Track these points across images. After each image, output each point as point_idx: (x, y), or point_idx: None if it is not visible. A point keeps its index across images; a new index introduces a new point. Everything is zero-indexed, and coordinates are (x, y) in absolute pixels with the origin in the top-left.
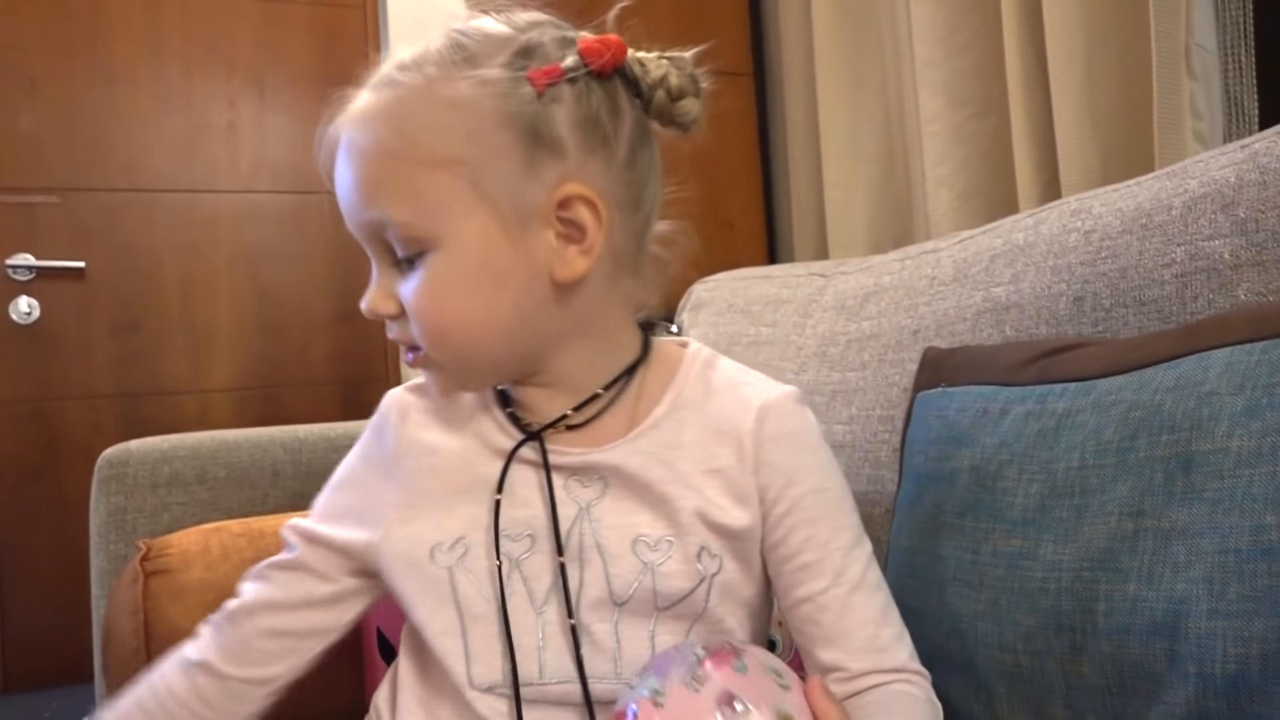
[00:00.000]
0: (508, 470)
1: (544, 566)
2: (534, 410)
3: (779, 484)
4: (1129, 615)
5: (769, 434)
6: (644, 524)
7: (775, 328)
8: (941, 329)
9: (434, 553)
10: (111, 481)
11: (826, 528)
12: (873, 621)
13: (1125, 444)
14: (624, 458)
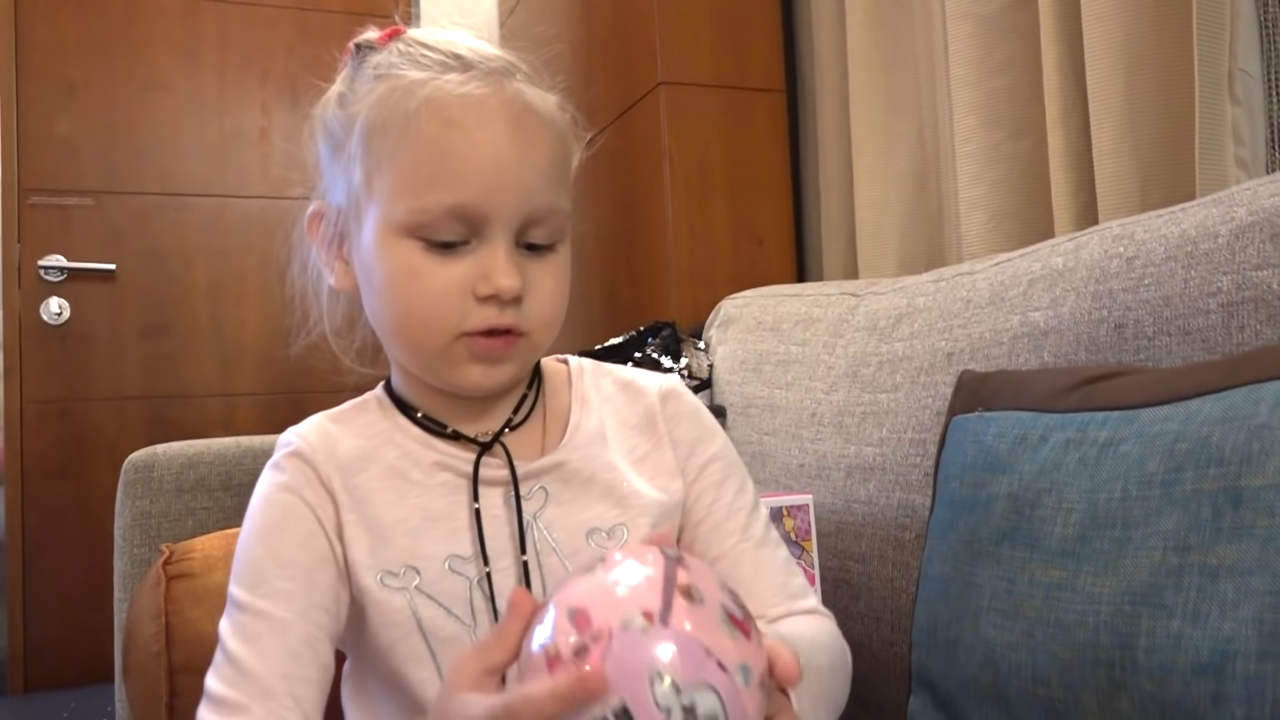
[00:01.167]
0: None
1: (505, 581)
2: (465, 426)
3: (686, 454)
4: (1172, 653)
5: (672, 413)
6: (594, 517)
7: (805, 346)
8: (977, 352)
9: (383, 580)
10: (137, 485)
11: (730, 490)
12: (781, 571)
13: (1170, 476)
14: (567, 456)
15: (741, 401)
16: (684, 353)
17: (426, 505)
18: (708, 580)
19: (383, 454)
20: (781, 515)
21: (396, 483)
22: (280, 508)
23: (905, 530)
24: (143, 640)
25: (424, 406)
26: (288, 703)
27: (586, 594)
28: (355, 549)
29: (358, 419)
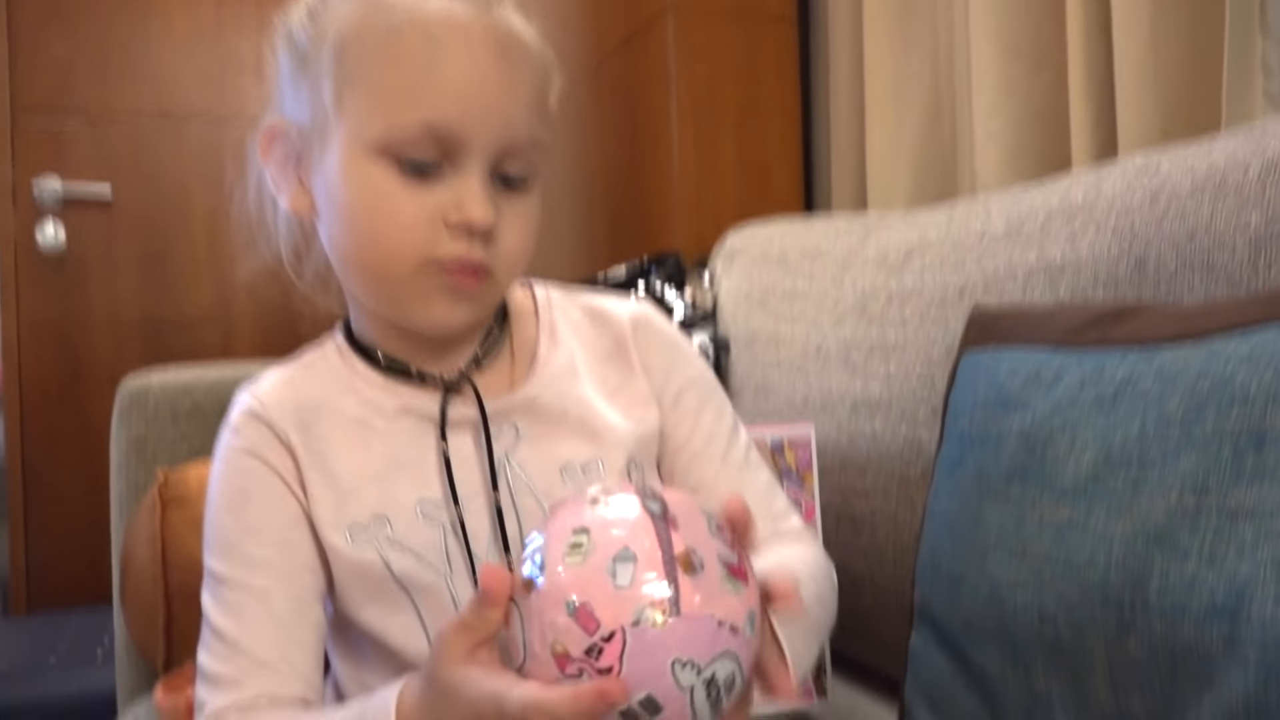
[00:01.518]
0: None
1: (479, 523)
2: (430, 366)
3: (660, 382)
4: (1185, 595)
5: (643, 341)
6: (568, 453)
7: (813, 280)
8: (990, 288)
9: (351, 534)
10: (132, 410)
11: (708, 416)
12: (764, 494)
13: (1191, 416)
14: (536, 391)
15: (746, 335)
16: (688, 285)
17: (393, 451)
18: (698, 532)
19: (343, 404)
20: (782, 447)
21: (360, 432)
22: (243, 473)
23: (910, 466)
24: (139, 565)
25: (385, 347)
26: (284, 670)
27: (582, 584)
28: (320, 507)
29: (315, 368)
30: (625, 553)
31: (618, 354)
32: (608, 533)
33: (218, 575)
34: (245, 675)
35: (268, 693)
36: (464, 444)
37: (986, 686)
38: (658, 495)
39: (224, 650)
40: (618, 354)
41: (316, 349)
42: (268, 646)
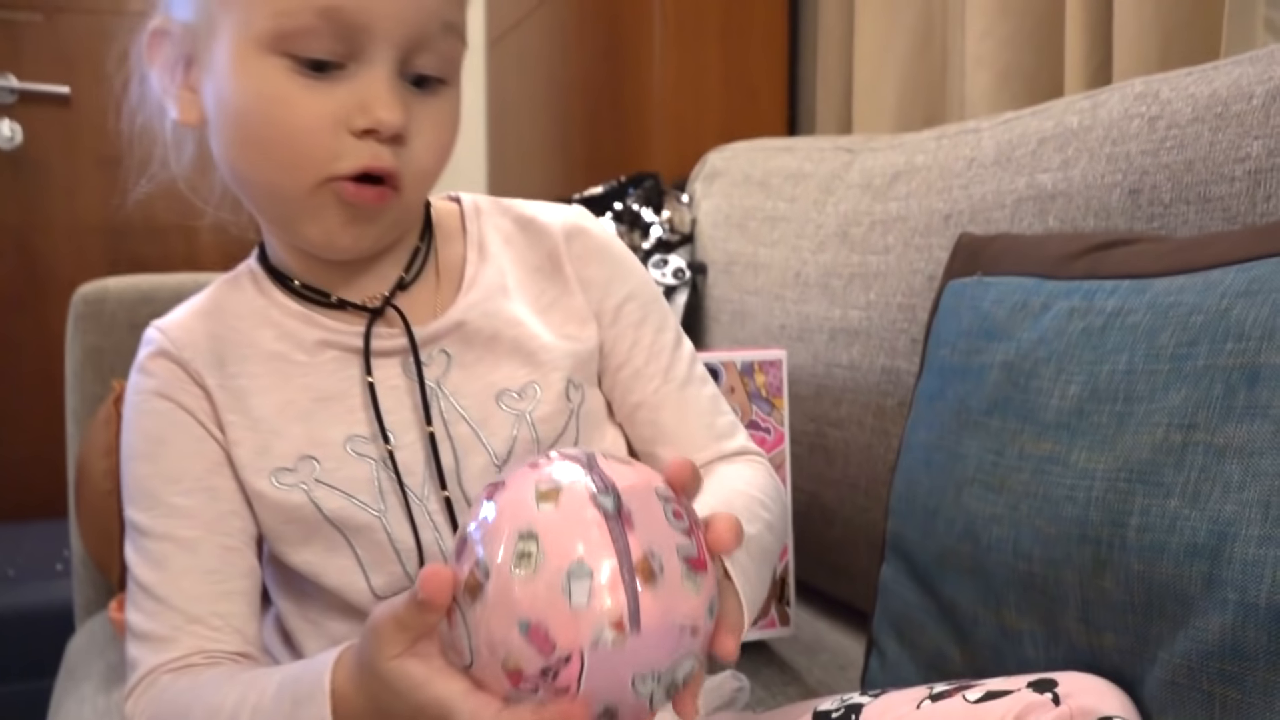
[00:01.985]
0: (369, 348)
1: (413, 457)
2: (351, 292)
3: (598, 296)
4: (1165, 533)
5: (579, 251)
6: (503, 378)
7: (794, 203)
8: (977, 215)
9: (276, 478)
10: (87, 319)
11: (649, 331)
12: (707, 412)
13: (1182, 350)
14: (465, 314)
15: (724, 259)
16: (666, 206)
17: (316, 385)
18: (655, 525)
19: (259, 338)
20: (752, 369)
21: (279, 366)
22: (157, 417)
23: (887, 397)
24: (94, 479)
25: (302, 273)
26: (216, 623)
27: (534, 601)
28: (241, 451)
29: (229, 299)
30: (580, 567)
31: (551, 268)
32: (559, 541)
33: (139, 527)
34: (176, 632)
35: (202, 649)
36: (392, 374)
37: (957, 621)
38: (610, 485)
39: (152, 606)
40: (551, 268)
41: (230, 277)
42: (197, 600)
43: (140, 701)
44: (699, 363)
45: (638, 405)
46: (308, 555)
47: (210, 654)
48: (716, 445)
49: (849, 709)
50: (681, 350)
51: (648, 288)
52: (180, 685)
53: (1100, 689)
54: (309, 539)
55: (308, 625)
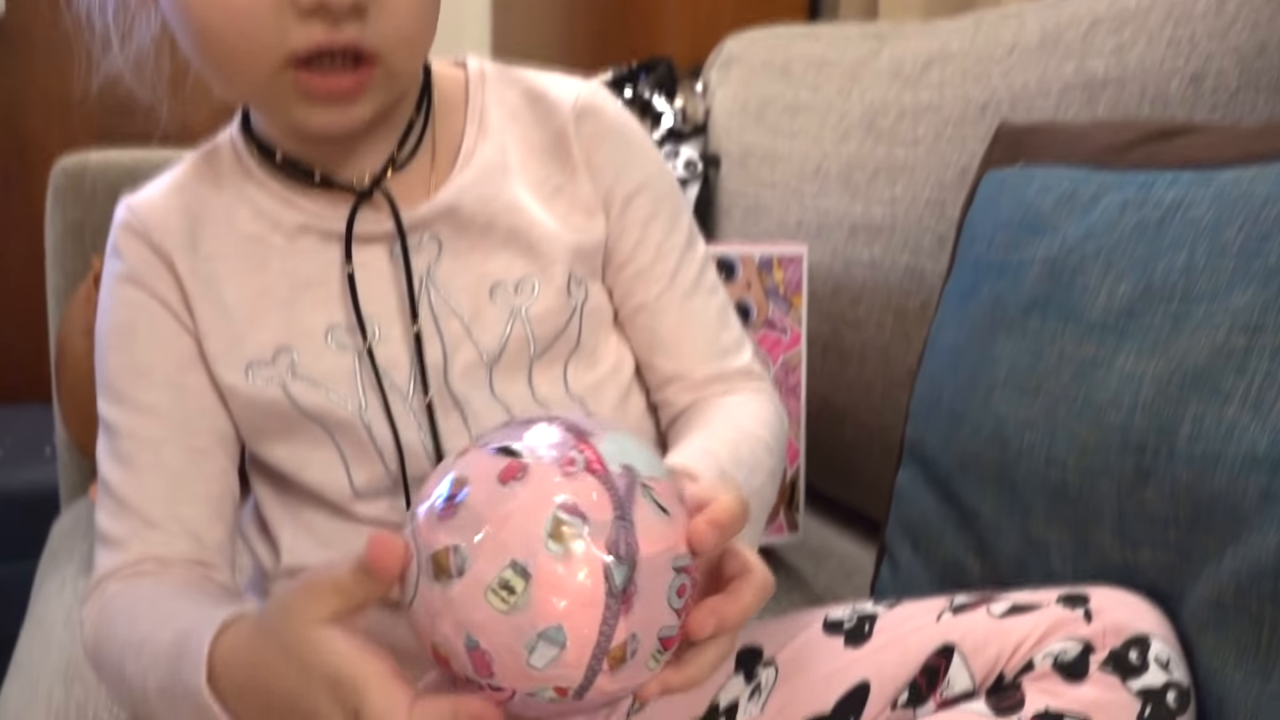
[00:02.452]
0: (351, 234)
1: (397, 351)
2: (338, 169)
3: (608, 185)
4: (1220, 442)
5: (590, 134)
6: (498, 269)
7: (817, 92)
8: (1017, 104)
9: (251, 372)
10: (68, 193)
11: (659, 228)
12: (712, 324)
13: (1251, 246)
14: (456, 198)
15: (739, 150)
16: (679, 93)
17: (294, 270)
18: (653, 604)
19: (235, 218)
20: (771, 264)
21: (255, 250)
22: (128, 306)
23: (909, 298)
24: (74, 358)
25: (286, 145)
26: (172, 528)
27: (493, 635)
28: (213, 343)
29: (205, 174)
30: (556, 633)
31: (558, 149)
32: (549, 597)
33: (108, 422)
34: (131, 536)
35: (153, 555)
36: (377, 260)
37: (978, 530)
38: (631, 553)
39: (113, 506)
40: (558, 149)
41: (208, 148)
42: (156, 503)
43: (90, 610)
44: (711, 268)
45: (639, 308)
46: (287, 450)
47: (163, 560)
48: (718, 361)
49: (862, 619)
50: (693, 253)
51: (663, 179)
52: (120, 603)
53: (1134, 605)
54: (288, 434)
55: (285, 515)
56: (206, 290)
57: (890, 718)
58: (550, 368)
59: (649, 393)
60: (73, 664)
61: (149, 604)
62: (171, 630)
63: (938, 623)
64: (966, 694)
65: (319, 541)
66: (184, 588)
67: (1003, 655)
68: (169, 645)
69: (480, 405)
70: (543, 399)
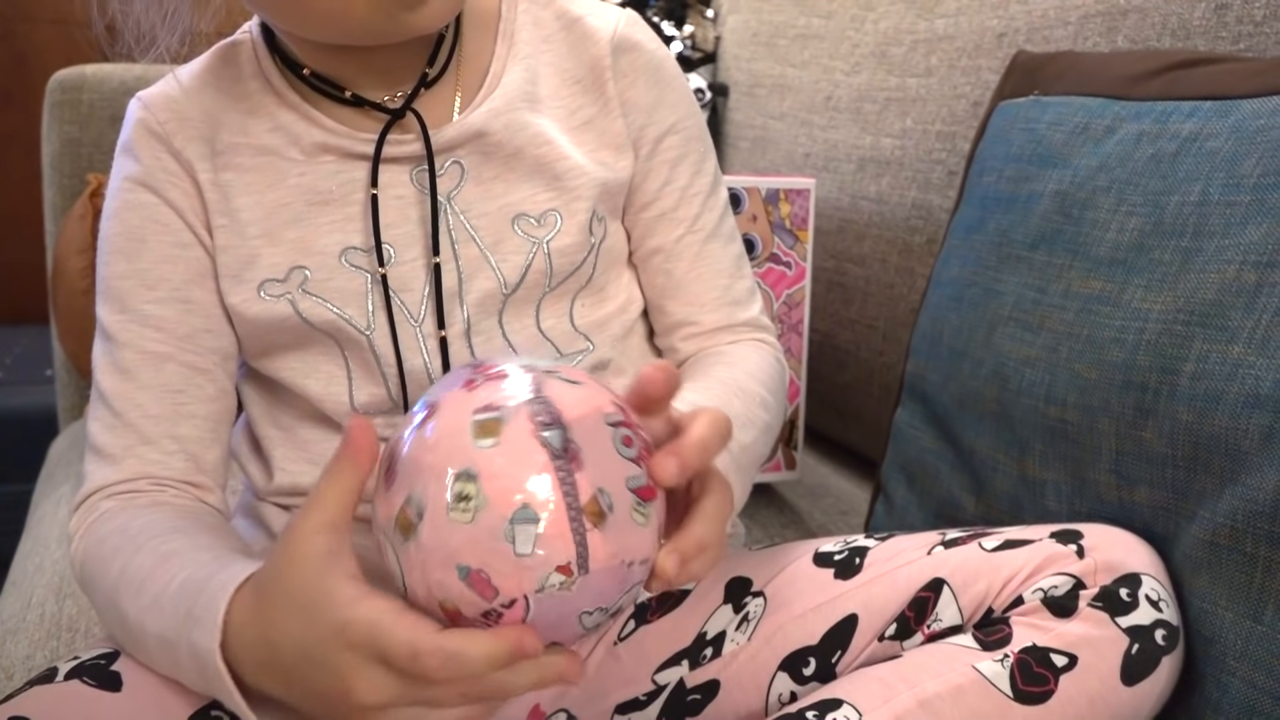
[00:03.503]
0: (378, 160)
1: (412, 275)
2: (369, 87)
3: (640, 123)
4: (1224, 381)
5: (626, 67)
6: (521, 200)
7: (829, 20)
8: (1035, 33)
9: (264, 290)
10: (64, 108)
11: (686, 171)
12: (726, 273)
13: (1269, 180)
14: (484, 124)
15: (748, 80)
16: (689, 20)
17: (311, 185)
18: (604, 458)
19: (251, 127)
20: (777, 197)
21: (271, 162)
22: (139, 211)
23: (916, 234)
24: (69, 276)
25: (313, 60)
26: (169, 447)
27: (474, 548)
28: (227, 259)
29: (224, 76)
30: (525, 513)
31: (593, 82)
32: (501, 484)
33: (108, 330)
34: (126, 452)
35: (148, 474)
36: (398, 181)
37: (974, 468)
38: (556, 417)
39: (109, 418)
40: (593, 82)
41: (223, 47)
42: (154, 420)
43: (79, 523)
44: (730, 215)
45: (655, 250)
46: (293, 362)
47: (157, 479)
48: (728, 310)
49: (853, 551)
50: (715, 198)
51: (694, 121)
52: (114, 525)
53: (1128, 543)
54: (297, 346)
55: (278, 432)
56: (224, 203)
57: (877, 650)
58: (559, 301)
59: (655, 336)
60: (66, 580)
61: (148, 536)
62: (177, 580)
63: (928, 556)
64: (954, 628)
65: (312, 459)
66: (184, 522)
67: (992, 590)
68: (174, 597)
69: (486, 335)
70: (548, 331)
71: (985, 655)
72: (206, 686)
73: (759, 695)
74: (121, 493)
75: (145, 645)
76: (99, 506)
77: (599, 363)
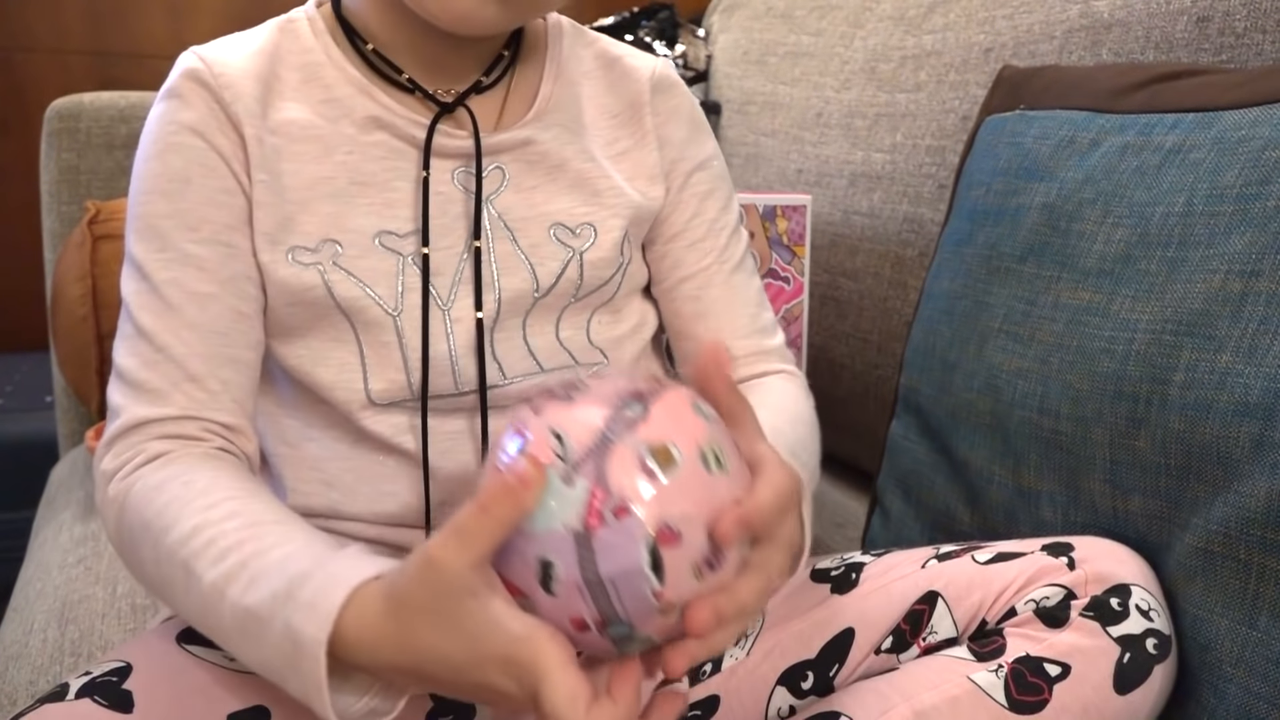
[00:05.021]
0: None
1: (445, 261)
2: (425, 78)
3: (673, 157)
4: (1214, 390)
5: (663, 107)
6: (560, 210)
7: (820, 37)
8: (1021, 48)
9: (293, 255)
10: (62, 136)
11: (714, 205)
12: (754, 302)
13: (1251, 190)
14: (534, 134)
15: (740, 98)
16: (681, 40)
17: (356, 166)
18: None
19: (306, 98)
20: (774, 214)
21: (320, 135)
22: (185, 154)
23: (908, 247)
24: (69, 303)
25: (378, 38)
26: (214, 387)
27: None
28: (263, 216)
29: (282, 46)
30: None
31: (631, 117)
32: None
33: (146, 269)
34: (172, 388)
35: (195, 414)
36: (440, 179)
37: (969, 480)
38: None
39: (149, 353)
40: (631, 117)
41: (283, 20)
42: (200, 359)
43: (119, 464)
44: (752, 254)
45: (685, 279)
46: (306, 347)
47: (204, 422)
48: (758, 339)
49: (849, 567)
50: (740, 234)
51: (720, 161)
52: (169, 473)
53: (1118, 554)
54: (313, 326)
55: (286, 450)
56: (268, 161)
57: (874, 662)
58: (578, 314)
59: (681, 365)
60: (68, 606)
61: (223, 495)
62: (274, 556)
63: (922, 570)
64: (950, 640)
65: (326, 480)
66: (255, 486)
67: (986, 602)
68: (270, 572)
69: (508, 334)
70: (565, 341)
71: (980, 666)
72: (287, 668)
73: (758, 709)
74: (172, 435)
75: (216, 611)
76: (146, 447)
77: None
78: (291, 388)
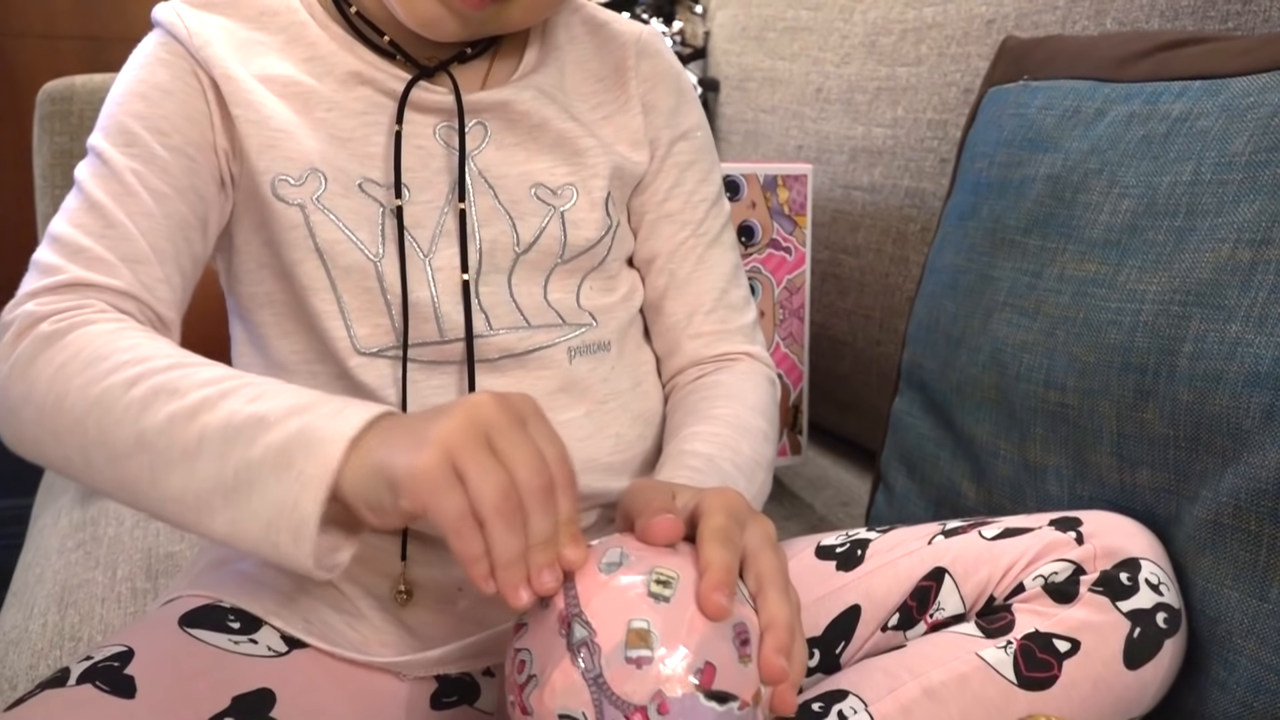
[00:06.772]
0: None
1: (425, 214)
2: (407, 44)
3: (658, 124)
4: (1224, 360)
5: (649, 72)
6: (540, 170)
7: (819, 11)
8: (1023, 19)
9: (276, 184)
10: (54, 119)
11: (694, 177)
12: (725, 278)
13: (1260, 157)
14: (514, 95)
15: (738, 74)
16: (678, 16)
17: (336, 121)
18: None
19: (287, 54)
20: (775, 184)
21: (299, 92)
22: (172, 69)
23: (910, 222)
24: None
25: (364, 3)
26: (159, 275)
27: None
28: (251, 145)
29: (263, 10)
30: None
31: (615, 80)
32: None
33: (108, 157)
34: (120, 261)
35: (139, 295)
36: (422, 133)
37: (974, 455)
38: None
39: (98, 225)
40: (615, 80)
41: None
42: (150, 247)
43: (51, 305)
44: (731, 230)
45: (658, 252)
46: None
47: (145, 307)
48: (723, 315)
49: (855, 543)
50: (719, 209)
51: (705, 134)
52: (114, 327)
53: (1127, 529)
54: (296, 266)
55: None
56: (242, 97)
57: (880, 640)
58: (568, 277)
59: (652, 339)
60: (68, 591)
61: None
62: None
63: (929, 546)
64: (957, 616)
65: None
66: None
67: (993, 578)
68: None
69: (494, 289)
70: (554, 303)
71: (989, 643)
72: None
73: None
74: (116, 307)
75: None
76: (92, 303)
77: (599, 342)
78: (285, 340)
